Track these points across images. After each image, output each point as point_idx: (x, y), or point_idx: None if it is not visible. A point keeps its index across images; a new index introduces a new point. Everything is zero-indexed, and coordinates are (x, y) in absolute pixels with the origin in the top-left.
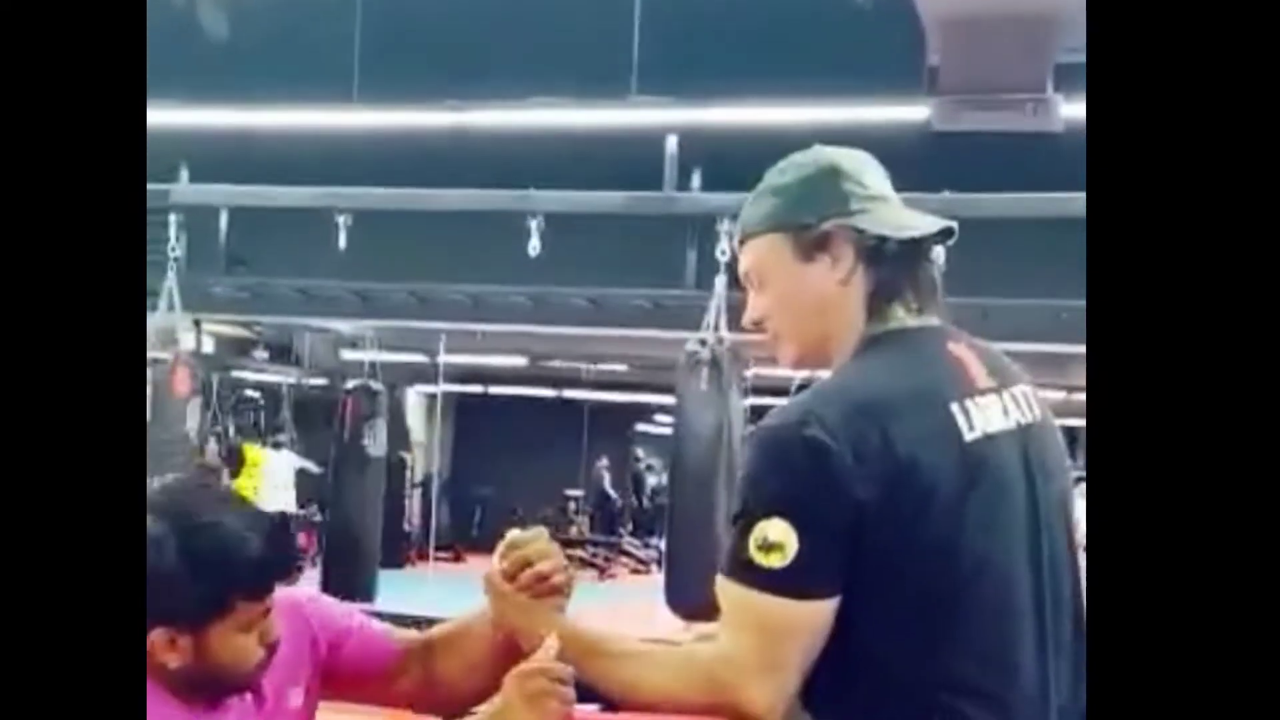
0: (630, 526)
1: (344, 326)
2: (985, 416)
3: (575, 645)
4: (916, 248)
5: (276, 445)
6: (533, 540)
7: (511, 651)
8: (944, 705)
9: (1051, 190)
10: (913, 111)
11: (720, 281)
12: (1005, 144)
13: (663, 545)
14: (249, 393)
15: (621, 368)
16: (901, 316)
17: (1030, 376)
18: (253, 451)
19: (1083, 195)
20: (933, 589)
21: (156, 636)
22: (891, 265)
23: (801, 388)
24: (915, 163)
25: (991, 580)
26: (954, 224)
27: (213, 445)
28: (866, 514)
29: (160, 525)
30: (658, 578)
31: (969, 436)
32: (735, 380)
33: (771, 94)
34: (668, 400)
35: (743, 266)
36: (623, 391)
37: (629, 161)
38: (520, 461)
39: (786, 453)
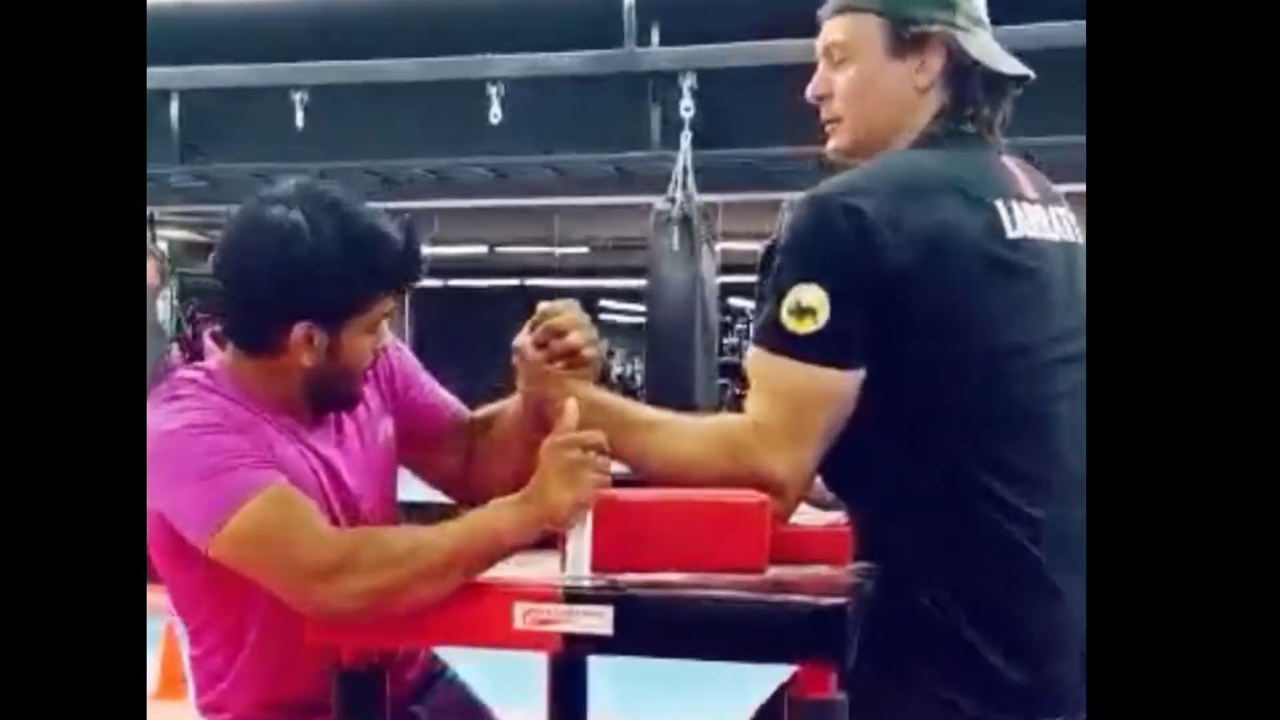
0: None
1: None
2: (1029, 221)
3: (601, 415)
4: (997, 83)
5: None
6: (564, 310)
7: (541, 434)
8: (982, 486)
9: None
10: None
11: (686, 138)
12: None
13: None
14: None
15: (584, 250)
16: (964, 128)
17: None
18: None
19: (1048, 25)
20: (969, 365)
21: (298, 332)
22: (972, 89)
23: (767, 254)
24: None
25: (1030, 366)
26: (1032, 74)
27: (175, 350)
28: (903, 282)
29: (311, 211)
30: None
31: (1011, 234)
32: (707, 238)
33: None
34: (628, 284)
35: (829, 37)
36: (587, 278)
37: (587, 19)
38: (486, 350)
39: (824, 220)
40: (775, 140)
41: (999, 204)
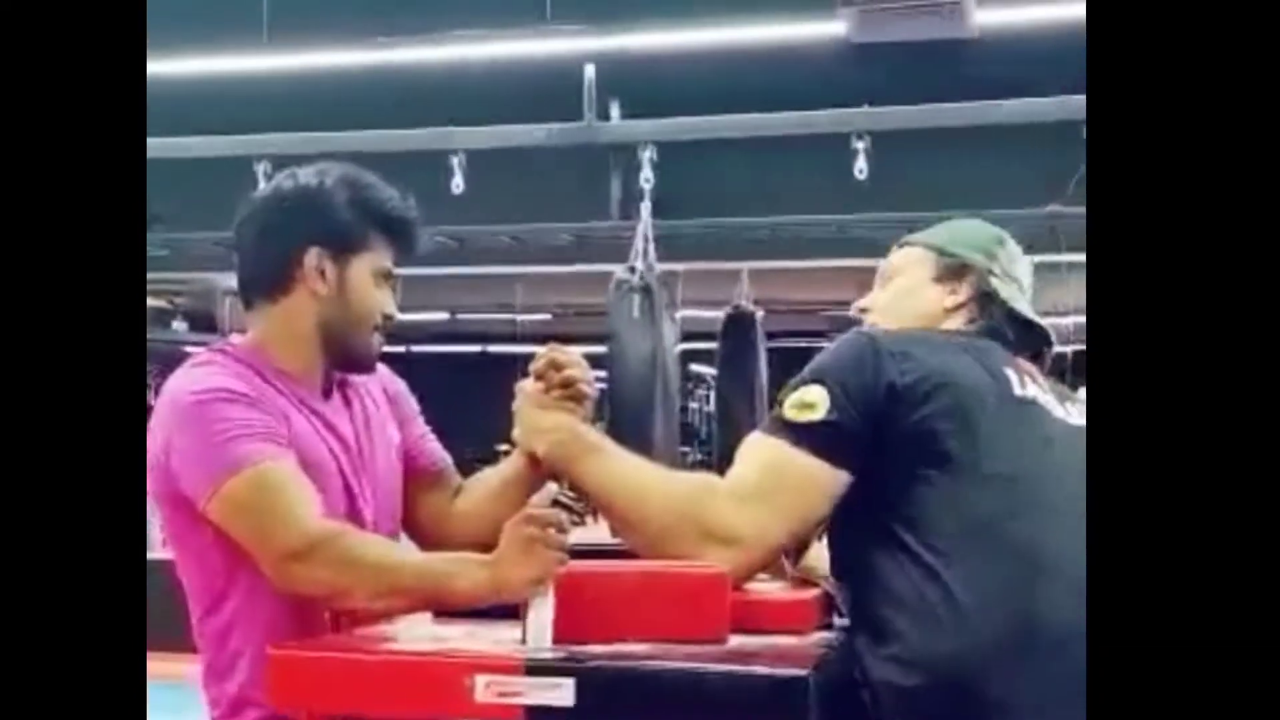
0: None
1: None
2: (1042, 395)
3: (578, 442)
4: (1020, 323)
5: None
6: (567, 352)
7: (519, 501)
8: (942, 588)
9: (970, 99)
10: (829, 28)
11: (645, 208)
12: (923, 54)
13: None
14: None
15: (546, 317)
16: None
17: None
18: None
19: (1002, 103)
20: (949, 482)
21: (310, 257)
22: (996, 316)
23: (728, 321)
24: (835, 78)
25: (1014, 495)
26: (1053, 340)
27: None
28: (900, 402)
29: (320, 170)
30: (596, 529)
31: (1019, 392)
32: (667, 306)
33: (687, 17)
34: (589, 351)
35: (888, 263)
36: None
37: (547, 93)
38: (450, 416)
39: (845, 343)
40: (733, 211)
41: (1010, 371)
